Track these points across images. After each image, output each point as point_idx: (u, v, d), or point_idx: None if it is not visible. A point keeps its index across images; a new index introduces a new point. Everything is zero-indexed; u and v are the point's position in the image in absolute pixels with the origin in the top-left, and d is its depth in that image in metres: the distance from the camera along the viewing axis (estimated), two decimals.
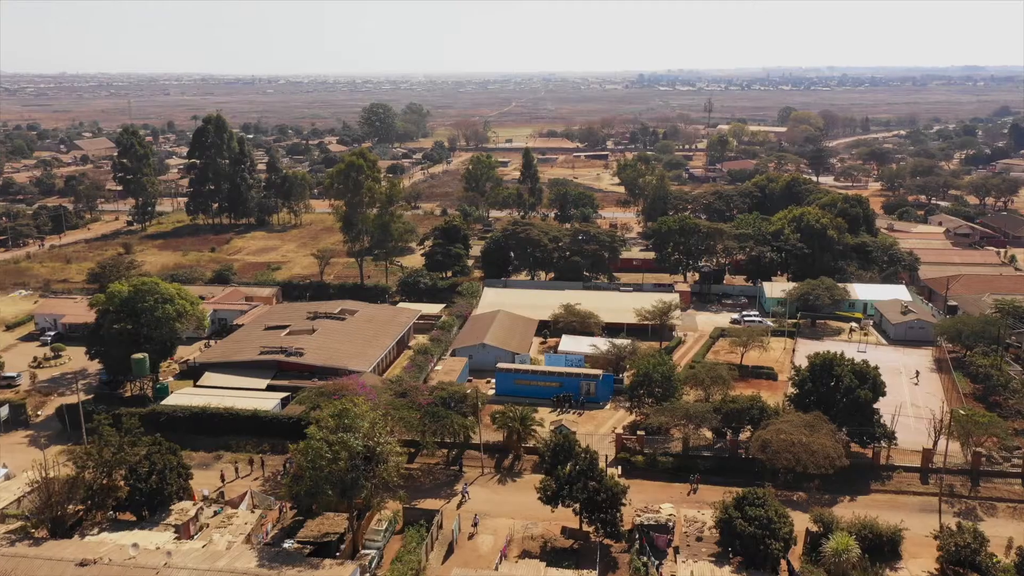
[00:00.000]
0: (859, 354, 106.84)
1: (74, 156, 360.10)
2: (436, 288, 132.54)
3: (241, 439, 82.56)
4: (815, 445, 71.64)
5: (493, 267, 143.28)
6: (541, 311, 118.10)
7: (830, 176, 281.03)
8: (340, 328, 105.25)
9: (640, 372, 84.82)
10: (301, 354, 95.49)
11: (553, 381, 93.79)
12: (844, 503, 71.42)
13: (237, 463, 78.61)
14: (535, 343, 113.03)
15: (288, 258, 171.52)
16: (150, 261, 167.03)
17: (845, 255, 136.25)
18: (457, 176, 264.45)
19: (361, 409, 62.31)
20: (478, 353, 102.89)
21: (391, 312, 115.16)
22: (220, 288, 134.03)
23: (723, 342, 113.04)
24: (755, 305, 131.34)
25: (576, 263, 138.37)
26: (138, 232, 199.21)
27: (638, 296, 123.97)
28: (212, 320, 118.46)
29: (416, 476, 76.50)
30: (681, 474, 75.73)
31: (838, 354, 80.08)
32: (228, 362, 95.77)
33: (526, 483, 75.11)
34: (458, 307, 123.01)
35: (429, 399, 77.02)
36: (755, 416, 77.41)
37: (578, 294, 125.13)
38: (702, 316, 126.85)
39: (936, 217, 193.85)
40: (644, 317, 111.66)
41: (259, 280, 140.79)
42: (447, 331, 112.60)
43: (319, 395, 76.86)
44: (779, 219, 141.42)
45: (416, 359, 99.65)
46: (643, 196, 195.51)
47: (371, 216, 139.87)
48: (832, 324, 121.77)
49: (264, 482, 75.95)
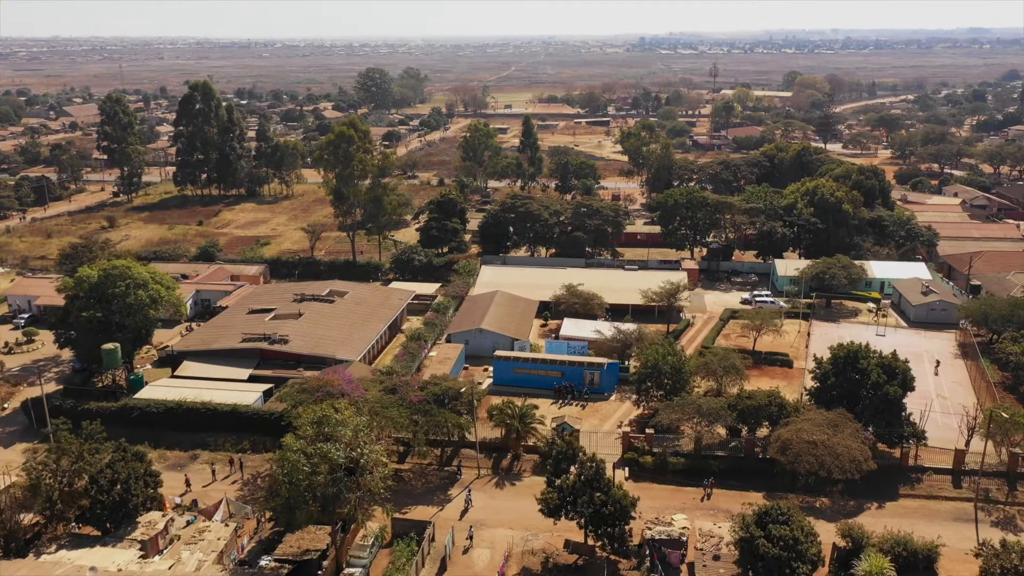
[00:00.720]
0: (878, 338, 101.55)
1: (63, 123, 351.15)
2: (431, 266, 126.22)
3: (220, 436, 76.75)
4: (839, 447, 65.91)
5: (491, 242, 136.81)
6: (541, 291, 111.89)
7: (838, 143, 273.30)
8: (328, 312, 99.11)
9: (648, 363, 78.82)
10: (286, 341, 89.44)
11: (555, 370, 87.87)
12: (871, 511, 65.78)
13: (214, 464, 72.90)
14: (535, 326, 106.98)
15: (278, 231, 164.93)
16: (135, 235, 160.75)
17: (861, 230, 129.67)
18: (455, 143, 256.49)
19: (344, 415, 56.34)
20: (475, 338, 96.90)
21: (383, 294, 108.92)
22: (205, 266, 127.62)
23: (734, 324, 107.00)
24: (766, 283, 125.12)
25: (578, 239, 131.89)
26: (124, 204, 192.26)
27: (644, 275, 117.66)
28: (195, 301, 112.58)
29: (407, 479, 70.84)
30: (693, 477, 70.04)
31: (863, 345, 73.95)
32: (208, 350, 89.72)
33: (526, 487, 69.49)
34: (454, 287, 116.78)
35: (420, 396, 71.10)
36: (773, 414, 71.56)
37: (580, 273, 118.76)
38: (711, 296, 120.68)
39: (951, 188, 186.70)
40: (650, 299, 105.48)
41: (246, 257, 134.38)
42: (442, 313, 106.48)
43: (301, 391, 70.94)
44: (791, 192, 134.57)
45: (409, 346, 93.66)
46: (647, 166, 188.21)
47: (363, 189, 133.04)
48: (848, 304, 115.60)
49: (243, 486, 70.26)
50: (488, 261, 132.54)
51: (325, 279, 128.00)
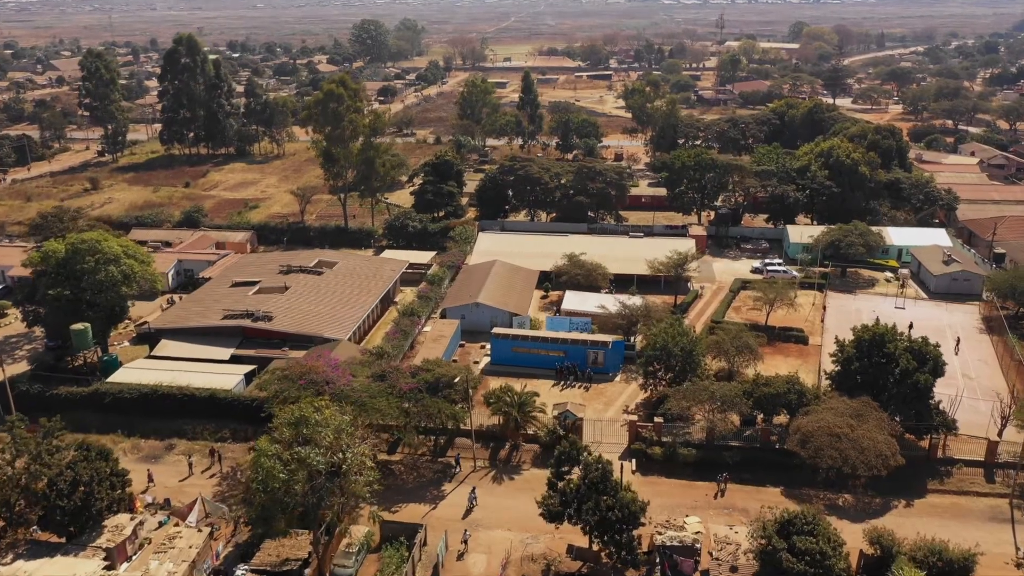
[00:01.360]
0: (896, 311, 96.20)
1: (49, 77, 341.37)
2: (426, 232, 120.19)
3: (198, 424, 71.74)
4: (864, 440, 60.85)
5: (489, 207, 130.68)
6: (542, 261, 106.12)
7: (847, 98, 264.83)
8: (316, 285, 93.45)
9: (657, 345, 73.43)
10: (270, 318, 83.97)
11: (556, 349, 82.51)
12: (898, 509, 60.95)
13: (191, 456, 67.89)
14: (535, 298, 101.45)
15: (268, 194, 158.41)
16: (118, 198, 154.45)
17: (877, 194, 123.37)
18: (452, 98, 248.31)
19: (325, 414, 51.08)
20: (471, 313, 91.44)
21: (375, 264, 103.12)
22: (188, 233, 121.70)
23: (745, 295, 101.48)
24: (777, 250, 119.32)
25: (580, 203, 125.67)
26: (108, 164, 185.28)
27: (649, 243, 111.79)
28: (177, 271, 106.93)
29: (397, 472, 65.94)
30: (705, 470, 65.08)
31: (889, 327, 68.43)
32: (188, 328, 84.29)
33: (525, 482, 64.61)
34: (450, 255, 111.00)
35: (412, 384, 65.80)
36: (792, 402, 66.38)
37: (583, 240, 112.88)
38: (719, 264, 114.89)
39: (967, 146, 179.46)
40: (657, 270, 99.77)
41: (232, 223, 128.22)
42: (437, 285, 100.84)
43: (282, 379, 65.60)
44: (804, 154, 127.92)
45: (401, 322, 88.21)
46: (651, 124, 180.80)
47: (354, 150, 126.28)
48: (864, 273, 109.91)
49: (221, 480, 65.32)
50: (486, 227, 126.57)
51: (315, 246, 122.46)
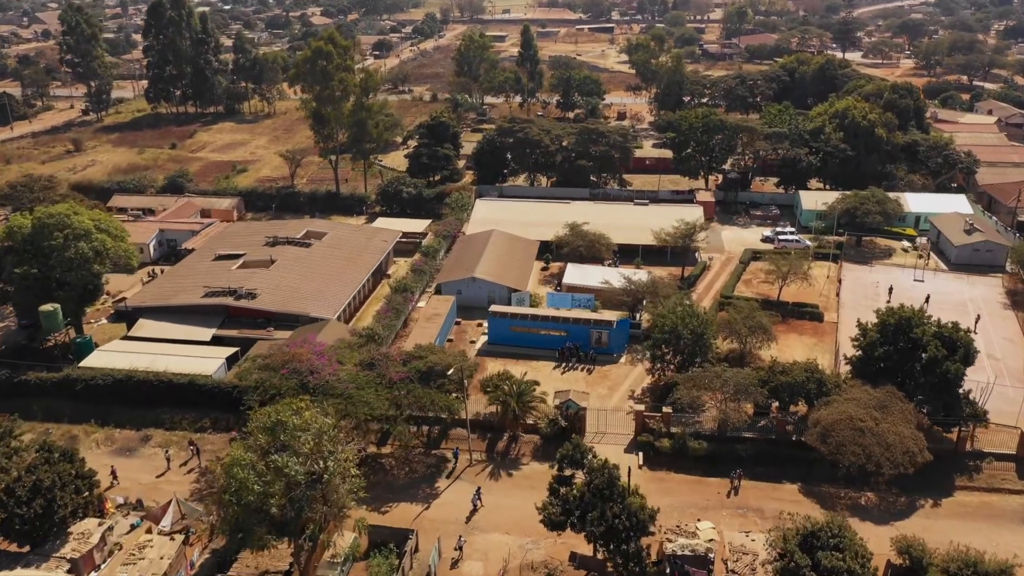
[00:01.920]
0: (916, 283, 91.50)
1: (35, 31, 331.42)
2: (421, 198, 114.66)
3: (177, 412, 67.43)
4: (890, 435, 56.52)
5: (487, 170, 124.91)
6: (542, 230, 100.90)
7: (857, 52, 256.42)
8: (304, 258, 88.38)
9: (665, 326, 68.64)
10: (254, 296, 79.11)
11: (557, 328, 77.83)
12: (925, 509, 56.79)
13: (168, 450, 63.55)
14: (535, 269, 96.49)
15: (257, 155, 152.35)
16: (102, 160, 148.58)
17: (893, 157, 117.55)
18: (450, 53, 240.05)
19: (305, 416, 46.48)
20: (468, 288, 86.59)
21: (366, 235, 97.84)
22: (172, 199, 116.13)
23: (756, 267, 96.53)
24: (788, 217, 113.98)
25: (582, 167, 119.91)
26: (93, 123, 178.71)
27: (655, 211, 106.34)
28: (159, 242, 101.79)
29: (387, 466, 61.71)
30: (717, 465, 60.81)
31: (917, 310, 63.58)
32: (167, 306, 79.49)
33: (525, 477, 60.39)
34: (446, 224, 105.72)
35: (402, 373, 61.18)
36: (811, 391, 61.85)
37: (585, 208, 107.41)
38: (728, 232, 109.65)
39: (984, 103, 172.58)
40: (663, 240, 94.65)
41: (218, 189, 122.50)
42: (431, 257, 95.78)
43: (263, 368, 60.97)
44: (818, 115, 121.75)
45: (393, 299, 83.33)
46: (656, 81, 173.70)
47: (345, 111, 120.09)
48: (880, 243, 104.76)
49: (200, 476, 60.91)
50: (484, 192, 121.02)
51: (305, 213, 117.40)
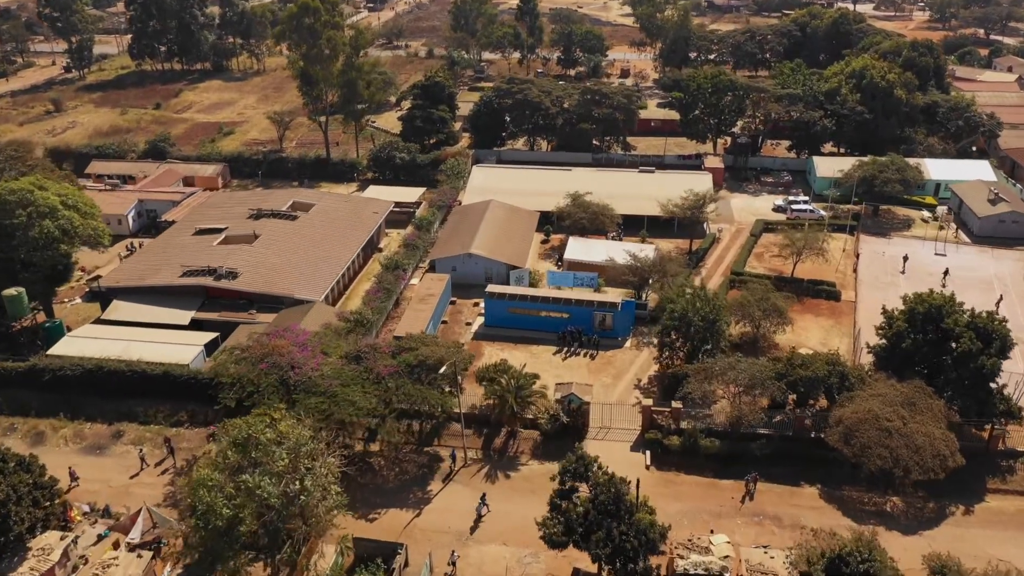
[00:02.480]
0: (937, 257, 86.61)
1: None
2: (415, 164, 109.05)
3: (151, 405, 63.07)
4: (919, 436, 52.20)
5: (484, 134, 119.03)
6: (542, 200, 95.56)
7: (869, 3, 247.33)
8: (289, 232, 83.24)
9: (676, 311, 63.89)
10: (235, 276, 74.20)
11: (558, 310, 73.11)
12: (955, 517, 52.64)
13: (143, 447, 59.23)
14: (535, 242, 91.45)
15: (245, 116, 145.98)
16: (83, 121, 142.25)
17: (912, 119, 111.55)
18: (446, 5, 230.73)
19: (280, 429, 42.01)
20: (463, 265, 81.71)
21: (356, 206, 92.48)
22: (154, 165, 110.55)
23: (768, 239, 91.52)
24: (801, 184, 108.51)
25: (584, 131, 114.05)
26: (75, 81, 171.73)
27: (661, 179, 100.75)
28: (139, 212, 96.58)
29: (376, 466, 57.47)
30: (730, 465, 56.58)
31: (948, 297, 58.76)
32: (143, 287, 74.61)
33: (524, 479, 56.19)
34: (440, 194, 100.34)
35: (391, 367, 56.55)
36: (833, 385, 57.33)
37: (587, 175, 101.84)
38: (737, 200, 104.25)
39: (1003, 60, 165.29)
40: (671, 212, 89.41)
41: (202, 154, 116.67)
42: (425, 230, 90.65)
43: (239, 362, 56.26)
44: (833, 74, 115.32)
45: (383, 279, 78.41)
46: (661, 36, 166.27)
47: (334, 71, 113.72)
48: (899, 212, 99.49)
49: (174, 477, 56.95)
50: (481, 157, 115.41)
51: (293, 180, 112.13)
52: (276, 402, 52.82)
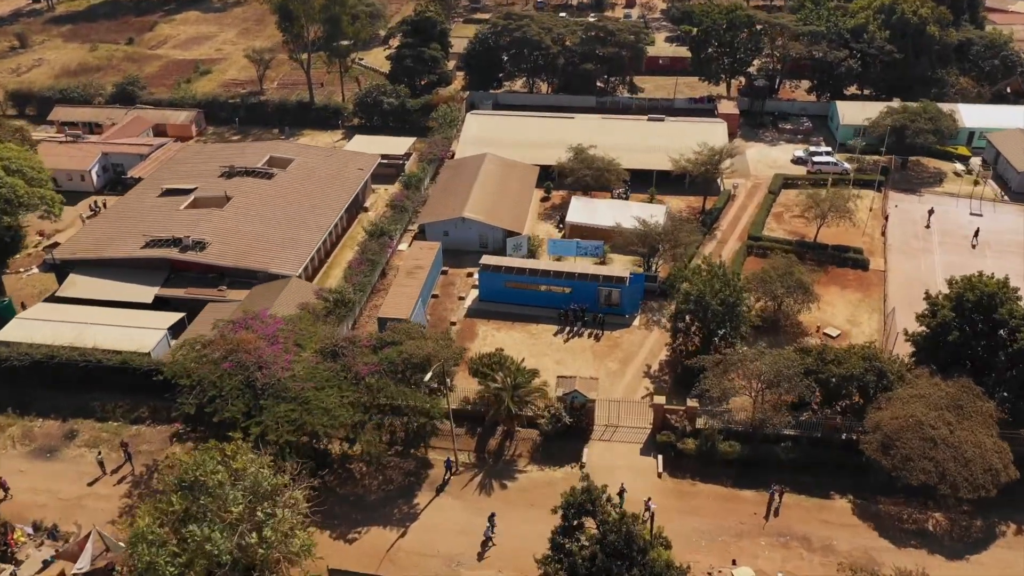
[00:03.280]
0: (973, 218, 79.54)
1: None
2: (404, 110, 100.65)
3: (109, 399, 56.93)
4: (968, 447, 46.21)
5: (480, 74, 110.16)
6: (542, 152, 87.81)
7: None
8: (265, 193, 75.79)
9: (691, 294, 57.12)
10: (203, 247, 67.17)
11: (559, 285, 66.33)
12: (1007, 538, 46.91)
13: (100, 451, 53.15)
14: (534, 200, 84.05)
15: (224, 52, 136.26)
16: (49, 58, 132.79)
17: (944, 59, 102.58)
18: None
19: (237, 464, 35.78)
20: (456, 230, 74.64)
21: (338, 161, 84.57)
22: (122, 111, 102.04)
23: (787, 196, 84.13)
24: (822, 132, 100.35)
25: (588, 72, 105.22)
26: (44, 12, 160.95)
27: (672, 128, 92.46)
28: (104, 167, 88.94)
29: (357, 474, 51.58)
30: (751, 472, 50.68)
31: (1002, 282, 51.89)
32: (102, 259, 67.66)
33: (522, 490, 50.34)
34: (432, 145, 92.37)
35: (372, 365, 50.05)
36: (870, 383, 51.00)
37: (592, 124, 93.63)
38: (753, 150, 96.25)
39: None
40: (683, 168, 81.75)
41: (175, 98, 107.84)
42: (415, 188, 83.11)
43: (200, 360, 49.62)
44: (860, 9, 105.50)
45: (368, 248, 71.26)
46: None
47: (316, 5, 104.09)
48: (928, 164, 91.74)
49: (132, 488, 51.13)
50: (476, 100, 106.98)
51: (273, 126, 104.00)
52: (241, 407, 46.91)
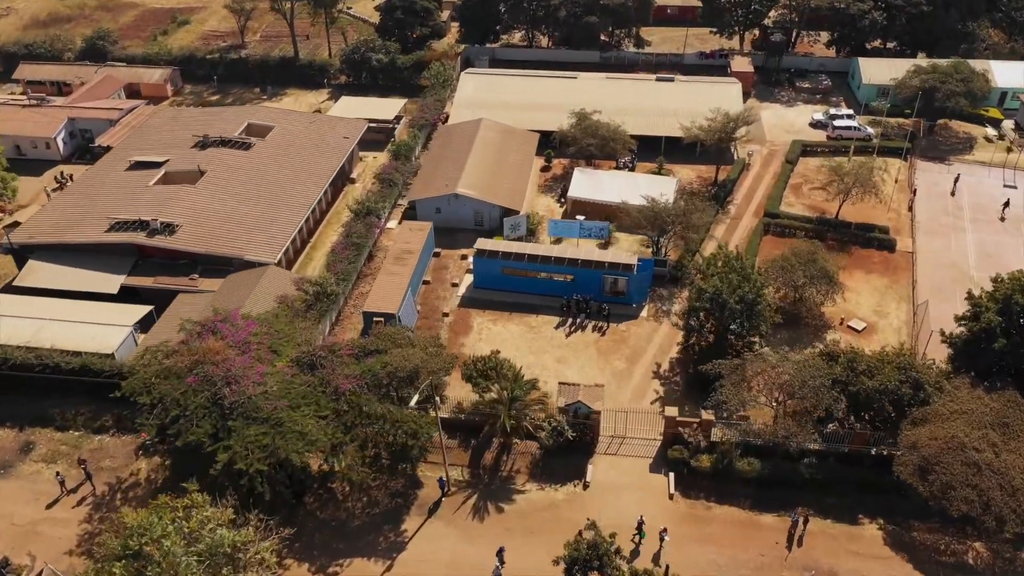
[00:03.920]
0: (1007, 191, 74.01)
1: None
2: (394, 67, 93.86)
3: (70, 405, 52.13)
4: (1016, 474, 41.55)
5: (476, 27, 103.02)
6: (543, 116, 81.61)
7: None
8: (241, 167, 69.76)
9: (706, 291, 51.83)
10: (173, 230, 61.58)
11: (560, 272, 60.99)
12: None
13: (59, 472, 48.38)
14: (534, 170, 78.07)
15: (204, 1, 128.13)
16: (19, 8, 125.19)
17: (974, 10, 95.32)
18: None
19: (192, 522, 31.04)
20: (449, 206, 68.99)
21: (322, 128, 78.20)
22: (92, 69, 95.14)
23: (806, 165, 78.31)
24: (843, 91, 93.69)
25: (591, 24, 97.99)
26: None
27: (682, 89, 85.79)
28: (71, 133, 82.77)
29: (339, 495, 46.98)
30: (773, 492, 46.18)
31: None
32: (64, 244, 62.19)
33: (520, 514, 45.79)
34: (423, 108, 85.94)
35: (353, 378, 44.97)
36: (906, 396, 46.05)
37: (596, 84, 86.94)
38: (769, 112, 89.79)
39: None
40: (695, 136, 75.59)
41: (149, 54, 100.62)
42: (405, 159, 77.04)
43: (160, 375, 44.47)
44: None
45: (353, 229, 65.56)
46: None
47: None
48: (957, 128, 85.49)
49: (95, 507, 46.63)
50: (472, 55, 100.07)
51: (255, 84, 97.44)
52: (207, 429, 42.12)
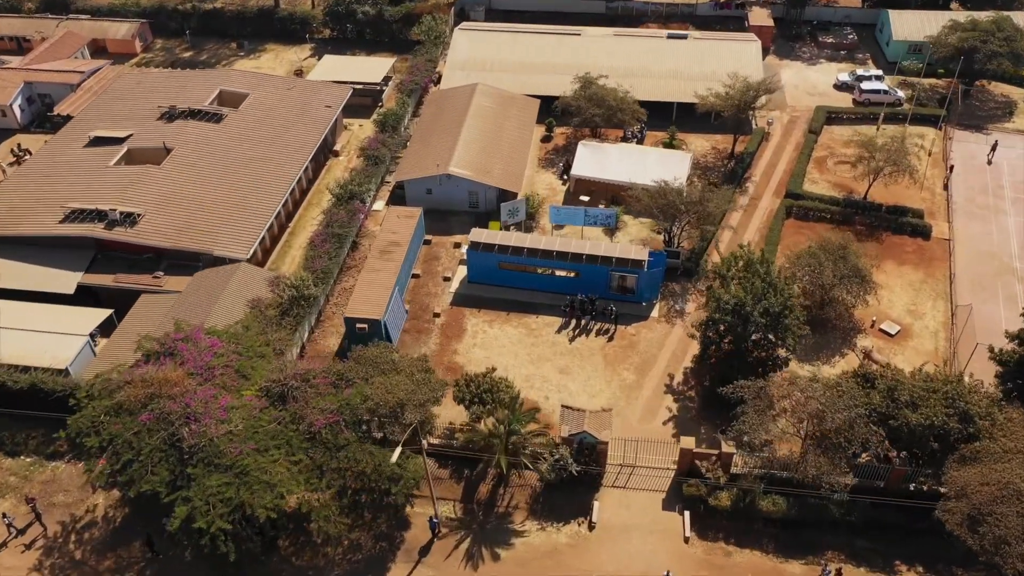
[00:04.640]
0: None
1: None
2: (382, 20, 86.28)
3: (19, 428, 47.12)
4: None
5: None
6: (543, 80, 74.85)
7: None
8: (212, 143, 63.21)
9: (727, 303, 46.00)
10: (134, 221, 55.58)
11: (563, 268, 55.25)
12: None
13: (7, 515, 43.40)
14: (534, 141, 71.50)
15: None
16: None
17: None
18: None
19: None
20: (440, 187, 62.83)
21: (302, 95, 71.10)
22: (54, 23, 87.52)
23: (831, 134, 71.87)
24: (869, 47, 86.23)
25: None
26: None
27: (696, 48, 78.11)
28: (29, 98, 76.01)
29: (316, 537, 42.08)
30: (800, 536, 41.49)
31: None
32: (15, 237, 56.25)
33: (519, 560, 41.15)
34: (413, 70, 78.78)
35: (329, 414, 39.60)
36: (952, 431, 40.84)
37: (601, 42, 79.24)
38: (789, 71, 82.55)
39: None
40: (711, 105, 68.75)
41: (116, 5, 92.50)
42: (392, 129, 70.35)
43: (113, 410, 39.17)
44: None
45: (334, 218, 59.31)
46: None
47: None
48: (995, 91, 78.52)
49: (47, 551, 41.94)
50: (467, 6, 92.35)
51: (231, 38, 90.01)
52: (164, 476, 37.19)
